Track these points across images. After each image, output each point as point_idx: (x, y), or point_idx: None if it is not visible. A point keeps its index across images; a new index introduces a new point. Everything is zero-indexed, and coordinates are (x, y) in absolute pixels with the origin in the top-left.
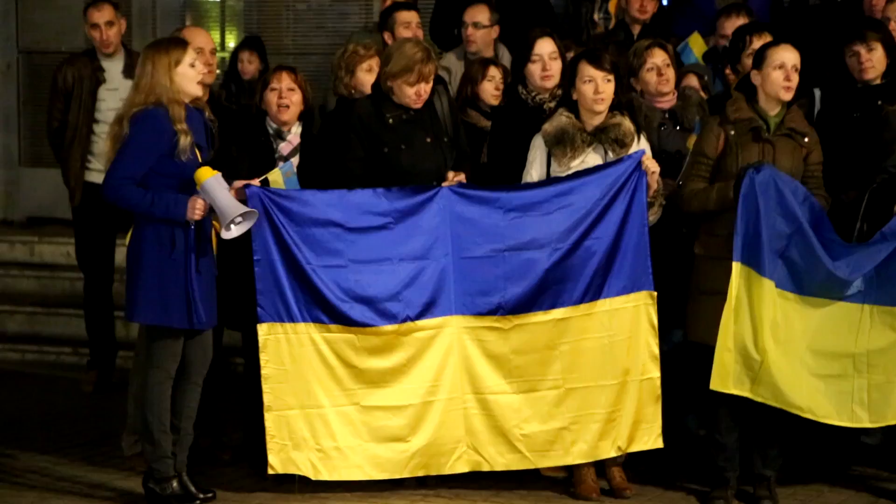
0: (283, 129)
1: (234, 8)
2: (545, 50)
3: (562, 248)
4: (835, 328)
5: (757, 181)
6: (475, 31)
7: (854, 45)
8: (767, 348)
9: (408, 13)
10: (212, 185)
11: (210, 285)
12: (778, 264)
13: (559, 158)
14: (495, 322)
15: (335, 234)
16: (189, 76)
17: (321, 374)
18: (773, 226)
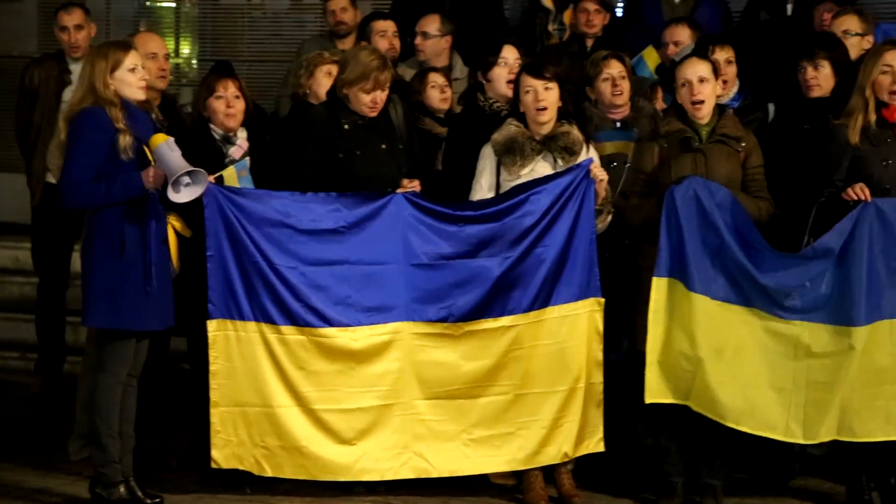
0: (230, 134)
1: (188, 14)
2: (511, 55)
3: (512, 255)
4: (775, 342)
5: (677, 196)
6: (424, 41)
7: (803, 62)
8: (703, 360)
9: (384, 22)
10: (163, 148)
11: (165, 286)
12: (713, 276)
13: (509, 167)
14: (445, 329)
15: (288, 234)
16: (128, 80)
17: (270, 374)
18: (700, 239)
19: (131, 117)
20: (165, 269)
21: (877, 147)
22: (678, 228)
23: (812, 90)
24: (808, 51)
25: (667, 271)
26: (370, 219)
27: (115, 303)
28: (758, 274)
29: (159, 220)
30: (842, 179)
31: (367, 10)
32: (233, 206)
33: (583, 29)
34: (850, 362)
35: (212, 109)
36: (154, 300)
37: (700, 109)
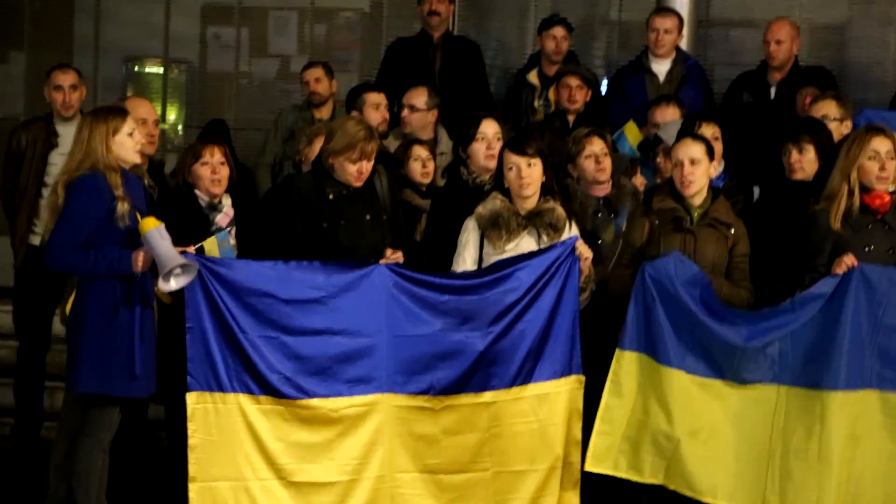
0: (215, 201)
1: (175, 80)
2: (490, 130)
3: (495, 330)
4: (753, 411)
5: (649, 273)
6: (410, 114)
7: (788, 145)
8: (681, 439)
9: (377, 95)
10: (153, 236)
11: (151, 352)
12: (686, 351)
13: (494, 241)
14: (426, 402)
15: (269, 304)
16: (127, 145)
17: (248, 447)
18: (670, 314)
19: (127, 183)
20: (152, 337)
21: (858, 233)
22: (649, 303)
23: (795, 173)
24: (794, 134)
25: (635, 345)
26: (353, 289)
27: (106, 369)
28: (733, 337)
29: (148, 284)
30: (824, 265)
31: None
32: (213, 277)
33: (565, 105)
34: (821, 430)
35: (197, 175)
36: (142, 366)
37: (690, 188)
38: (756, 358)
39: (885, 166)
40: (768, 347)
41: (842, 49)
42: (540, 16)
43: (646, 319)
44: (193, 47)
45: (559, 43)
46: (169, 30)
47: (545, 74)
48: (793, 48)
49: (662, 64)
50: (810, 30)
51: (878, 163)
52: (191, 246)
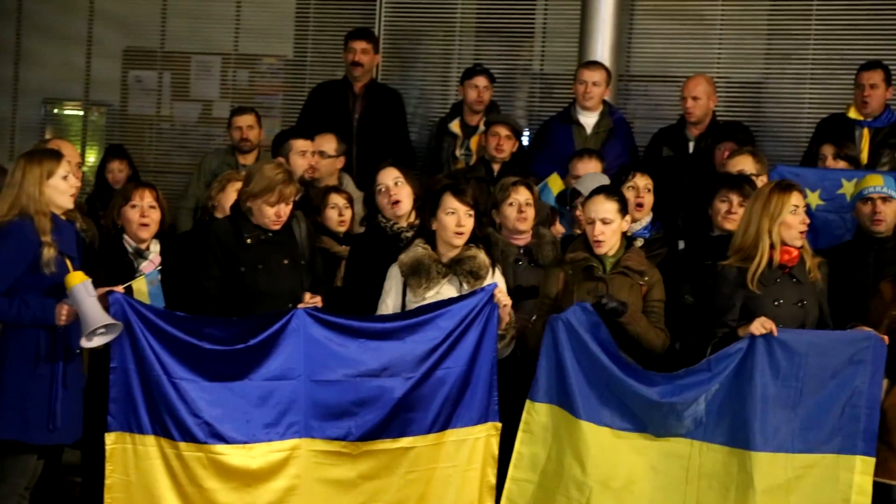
0: (142, 247)
1: (95, 123)
2: (388, 178)
3: (414, 376)
4: (668, 465)
5: (558, 325)
6: (320, 160)
7: (730, 193)
8: (593, 489)
9: (303, 141)
10: (79, 291)
11: (76, 398)
12: (601, 404)
13: (414, 289)
14: (344, 447)
15: (190, 349)
16: (61, 189)
17: (165, 489)
18: (583, 368)
19: (58, 230)
20: (78, 383)
21: (768, 287)
22: (559, 356)
23: (731, 223)
24: (739, 184)
25: (547, 398)
26: (271, 334)
27: (25, 416)
28: (649, 392)
29: (74, 331)
30: (735, 319)
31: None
32: (138, 318)
33: (492, 153)
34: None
35: (126, 218)
36: (65, 415)
37: (600, 248)
38: (671, 413)
39: (805, 220)
40: (684, 405)
41: (758, 105)
42: (462, 66)
43: (557, 371)
44: (114, 90)
45: (481, 93)
46: (90, 72)
47: (467, 124)
48: (710, 104)
49: (590, 116)
50: (727, 85)
51: (799, 217)
52: (119, 286)
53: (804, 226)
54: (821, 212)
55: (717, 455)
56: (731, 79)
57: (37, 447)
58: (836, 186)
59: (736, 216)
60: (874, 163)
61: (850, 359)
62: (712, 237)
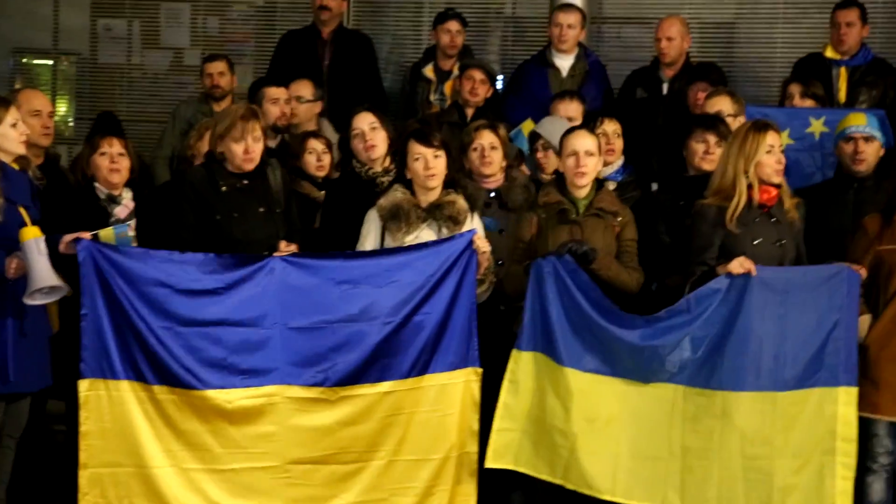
0: (115, 193)
1: (65, 72)
2: (364, 123)
3: (392, 321)
4: (650, 408)
5: (542, 271)
6: (298, 105)
7: (707, 134)
8: (577, 434)
9: (276, 89)
10: (30, 248)
11: (38, 346)
12: (583, 350)
13: (394, 233)
14: (321, 393)
15: (164, 294)
16: (10, 136)
17: (141, 433)
18: (566, 314)
19: (6, 177)
20: (40, 329)
21: (747, 226)
22: (543, 303)
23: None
24: (715, 125)
25: (531, 345)
26: (247, 280)
27: None
28: (631, 337)
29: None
30: (714, 258)
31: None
32: (108, 265)
33: (466, 97)
34: (722, 429)
35: (95, 166)
36: (25, 363)
37: (582, 179)
38: (654, 358)
39: (781, 160)
40: (666, 348)
41: (731, 46)
42: (434, 10)
43: (542, 319)
44: (83, 39)
45: (454, 37)
46: (58, 21)
47: (440, 69)
48: (683, 45)
49: (565, 59)
50: (700, 27)
51: (775, 156)
52: (87, 232)
53: (780, 165)
54: (791, 151)
55: (700, 399)
56: (704, 19)
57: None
58: (804, 125)
59: (713, 156)
60: (852, 101)
61: (828, 293)
62: (687, 178)
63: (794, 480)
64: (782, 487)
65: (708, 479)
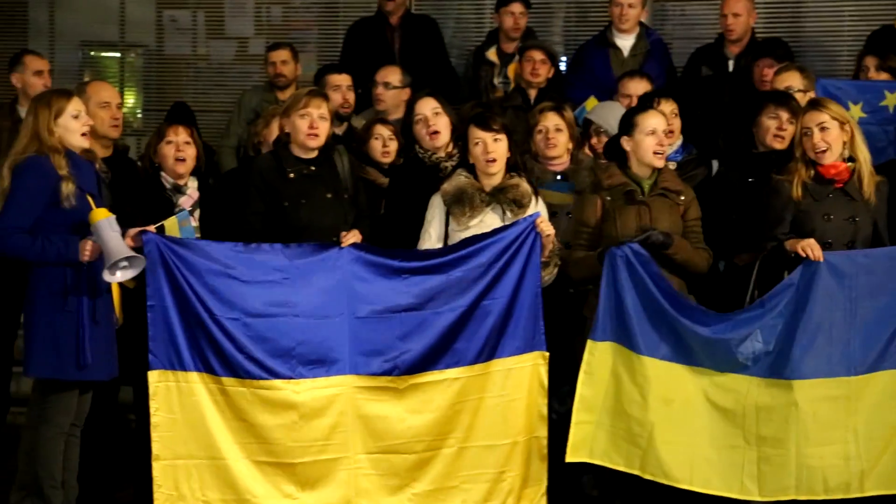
0: (180, 182)
1: (132, 64)
2: (426, 108)
3: (458, 308)
4: (724, 399)
5: (617, 260)
6: (385, 91)
7: (779, 110)
8: (654, 423)
9: (338, 76)
10: (102, 226)
11: (108, 335)
12: (659, 339)
13: (458, 218)
14: (390, 382)
15: (230, 285)
16: (71, 128)
17: (211, 426)
18: (640, 303)
19: (75, 166)
20: (109, 320)
21: (819, 202)
22: (618, 291)
23: (779, 140)
24: (787, 101)
25: (606, 335)
26: (315, 271)
27: (57, 353)
28: (703, 330)
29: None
30: (785, 233)
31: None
32: (174, 256)
33: (528, 78)
34: (796, 417)
35: (161, 155)
36: (97, 351)
37: (661, 159)
38: (726, 350)
39: (821, 138)
40: (737, 340)
41: (797, 20)
42: None
43: (617, 308)
44: (149, 31)
45: (517, 19)
46: (125, 14)
47: (504, 52)
48: (749, 21)
49: (626, 39)
50: (766, 2)
51: (811, 139)
52: (151, 225)
53: (823, 143)
54: (863, 125)
55: (774, 388)
56: None
57: (76, 384)
58: (878, 98)
59: (786, 133)
60: None
61: None
62: (755, 154)
63: (872, 464)
64: (861, 472)
65: (785, 467)
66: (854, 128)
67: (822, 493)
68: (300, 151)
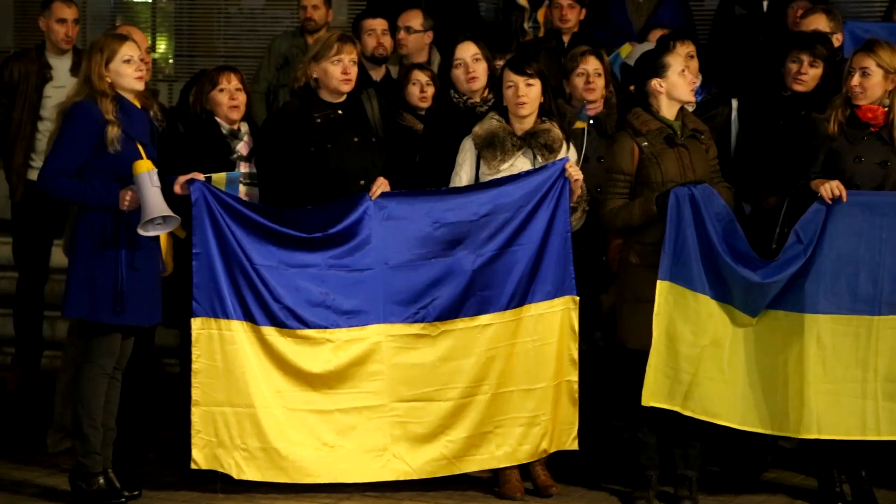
0: (235, 128)
1: (164, 10)
2: (467, 53)
3: (486, 253)
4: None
5: (680, 198)
6: (407, 36)
7: (801, 54)
8: (702, 360)
9: (372, 21)
10: (143, 179)
11: (151, 282)
12: (710, 278)
13: (489, 161)
14: (422, 329)
15: (270, 235)
16: (124, 72)
17: (251, 374)
18: (699, 242)
19: (124, 112)
20: (152, 267)
21: (852, 144)
22: (682, 231)
23: (800, 83)
24: (811, 44)
25: (664, 274)
26: (348, 222)
27: (94, 296)
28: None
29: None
30: (816, 172)
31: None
32: (219, 206)
33: (557, 24)
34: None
35: (215, 102)
36: (136, 298)
37: (691, 94)
38: (770, 292)
39: (859, 82)
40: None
41: None
42: None
43: (678, 247)
44: None
45: None
46: None
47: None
48: None
49: None
50: None
51: (851, 78)
52: (200, 174)
53: (860, 87)
54: None
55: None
56: None
57: (117, 328)
58: None
59: (806, 77)
60: None
61: None
62: (785, 97)
63: (889, 405)
64: (877, 411)
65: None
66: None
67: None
68: (329, 96)
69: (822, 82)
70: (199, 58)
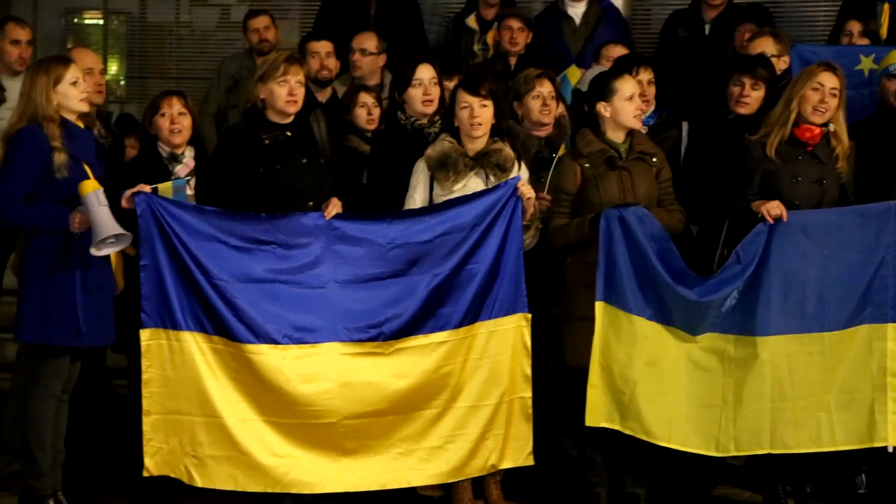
0: (176, 152)
1: (116, 32)
2: (426, 75)
3: (442, 272)
4: (705, 359)
5: (610, 220)
6: (362, 58)
7: (743, 77)
8: (637, 381)
9: (316, 43)
10: (90, 200)
11: (103, 301)
12: (645, 300)
13: (442, 182)
14: (375, 348)
15: (220, 249)
16: (71, 94)
17: (201, 383)
18: (631, 263)
19: (70, 135)
20: (105, 287)
21: (787, 164)
22: (613, 252)
23: (742, 106)
24: (752, 67)
25: (600, 295)
26: (297, 238)
27: (48, 319)
28: (690, 294)
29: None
30: (754, 193)
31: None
32: (167, 216)
33: (506, 47)
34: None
35: (157, 127)
36: (91, 319)
37: (639, 122)
38: (709, 311)
39: (825, 100)
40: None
41: None
42: None
43: (610, 268)
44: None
45: None
46: None
47: (483, 18)
48: None
49: (578, 7)
50: None
51: (820, 95)
52: (146, 186)
53: (823, 105)
54: None
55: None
56: None
57: (69, 350)
58: (854, 63)
59: (749, 99)
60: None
61: (875, 231)
62: (729, 120)
63: (843, 416)
64: (831, 423)
65: (760, 422)
66: (842, 101)
67: (795, 446)
68: (276, 117)
69: (764, 104)
70: (151, 79)
